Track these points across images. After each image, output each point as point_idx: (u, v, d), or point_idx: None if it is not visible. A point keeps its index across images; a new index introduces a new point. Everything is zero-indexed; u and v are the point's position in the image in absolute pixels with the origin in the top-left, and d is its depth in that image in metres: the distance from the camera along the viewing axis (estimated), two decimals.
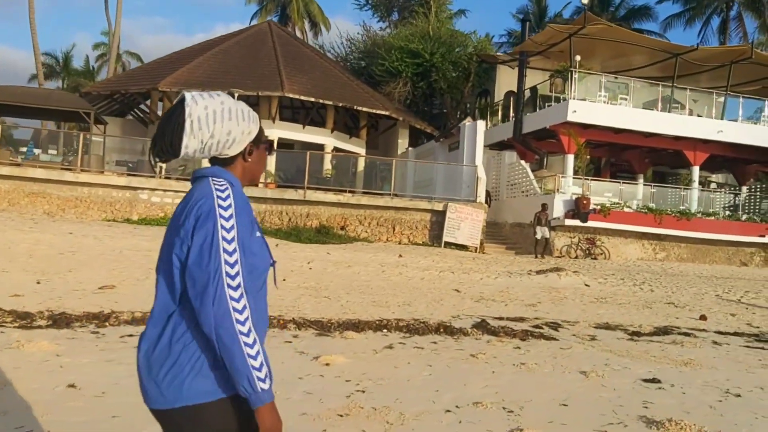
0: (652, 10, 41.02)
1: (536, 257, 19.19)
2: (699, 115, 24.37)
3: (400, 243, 19.47)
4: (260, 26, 28.80)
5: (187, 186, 16.79)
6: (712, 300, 12.67)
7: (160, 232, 14.30)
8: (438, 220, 19.84)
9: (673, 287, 13.81)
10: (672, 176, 30.08)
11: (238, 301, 1.66)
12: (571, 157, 22.11)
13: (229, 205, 1.73)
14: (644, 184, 25.43)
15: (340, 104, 23.52)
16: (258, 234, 1.85)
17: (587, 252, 20.68)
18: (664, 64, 24.27)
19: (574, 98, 21.38)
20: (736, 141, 23.20)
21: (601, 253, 20.82)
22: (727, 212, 22.84)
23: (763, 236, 22.30)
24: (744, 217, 22.93)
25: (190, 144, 1.78)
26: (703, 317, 10.42)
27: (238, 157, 1.89)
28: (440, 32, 27.23)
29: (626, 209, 21.41)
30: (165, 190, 19.12)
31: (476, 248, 19.69)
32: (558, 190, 21.38)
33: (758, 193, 26.94)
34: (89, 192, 18.56)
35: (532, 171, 23.23)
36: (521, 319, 8.72)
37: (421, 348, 6.44)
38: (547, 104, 23.34)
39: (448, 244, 19.45)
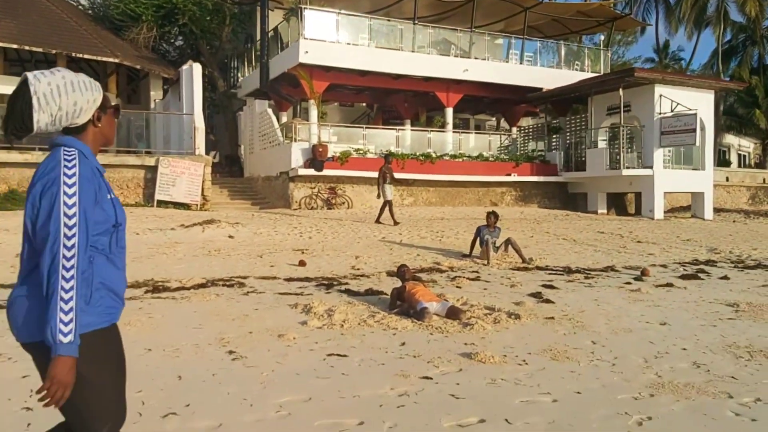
0: None
1: (379, 222, 15.38)
2: (482, 58, 23.70)
3: None
4: None
5: None
6: (369, 243, 11.74)
7: None
8: (153, 176, 17.86)
9: (349, 233, 12.81)
10: (459, 121, 29.82)
11: (68, 259, 1.85)
12: (312, 103, 20.73)
13: (74, 174, 1.93)
14: (411, 130, 24.80)
15: (53, 51, 20.65)
16: (110, 196, 2.08)
17: (327, 202, 19.58)
18: (437, 4, 23.34)
19: (305, 38, 19.88)
20: (485, 80, 22.85)
21: (343, 203, 19.81)
22: (474, 154, 22.48)
23: (509, 175, 22.27)
24: (490, 156, 22.73)
25: (41, 119, 1.97)
26: (302, 263, 9.34)
27: (88, 124, 2.09)
28: None
29: (369, 156, 20.47)
30: None
31: (198, 205, 17.98)
32: (295, 138, 20.00)
33: (530, 135, 27.19)
34: None
35: (292, 120, 21.75)
36: None
37: None
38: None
39: (162, 203, 17.58)
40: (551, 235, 14.11)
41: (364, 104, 28.59)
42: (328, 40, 20.74)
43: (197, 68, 18.87)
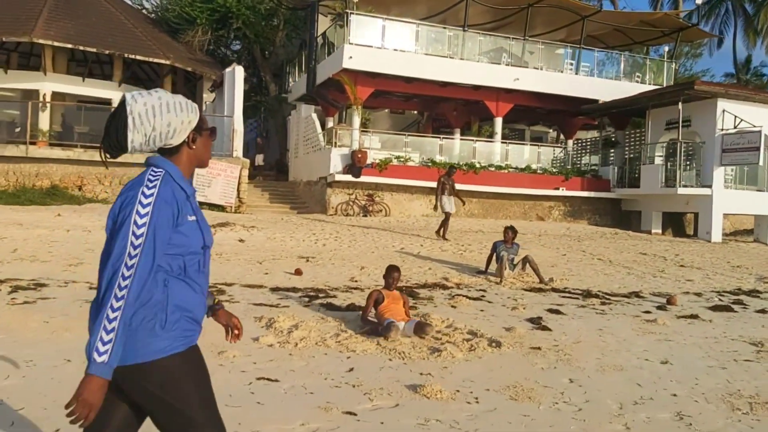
0: None
1: (441, 237, 13.65)
2: (536, 67, 22.85)
3: None
4: None
5: None
6: (383, 254, 11.26)
7: None
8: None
9: (368, 242, 12.36)
10: (513, 132, 29.04)
11: (124, 279, 1.84)
12: (355, 109, 20.41)
13: (151, 195, 1.92)
14: (461, 139, 24.23)
15: (106, 52, 21.17)
16: (191, 218, 2.05)
17: (364, 209, 19.19)
18: (493, 10, 22.59)
19: (350, 43, 19.59)
20: (537, 90, 21.96)
21: (380, 210, 19.39)
22: (523, 165, 21.58)
23: (558, 189, 21.31)
24: (538, 169, 21.77)
25: (135, 138, 1.99)
26: (298, 271, 8.94)
27: (182, 146, 2.08)
28: None
29: (410, 164, 19.98)
30: None
31: (233, 207, 17.94)
32: (336, 143, 19.74)
33: (585, 148, 26.17)
34: None
35: (335, 125, 21.54)
36: None
37: None
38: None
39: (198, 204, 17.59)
40: (587, 254, 13.24)
41: (415, 112, 28.11)
42: (374, 45, 20.39)
43: (239, 71, 18.90)
